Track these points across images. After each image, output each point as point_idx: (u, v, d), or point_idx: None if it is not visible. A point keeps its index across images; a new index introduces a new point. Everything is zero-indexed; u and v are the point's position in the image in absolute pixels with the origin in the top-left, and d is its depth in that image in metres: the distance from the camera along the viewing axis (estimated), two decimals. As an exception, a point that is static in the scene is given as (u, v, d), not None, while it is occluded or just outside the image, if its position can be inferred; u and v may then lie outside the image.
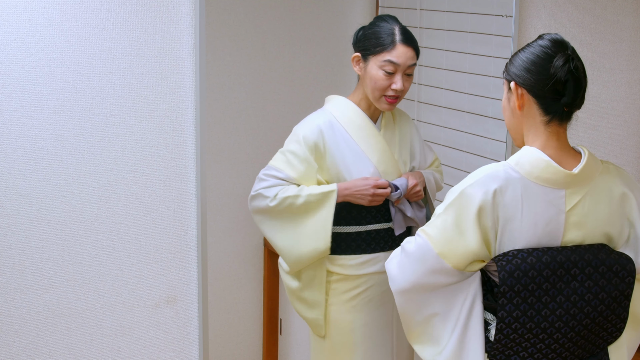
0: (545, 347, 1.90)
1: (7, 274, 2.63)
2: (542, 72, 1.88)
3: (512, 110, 1.96)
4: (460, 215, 1.88)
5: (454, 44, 3.17)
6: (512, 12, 2.88)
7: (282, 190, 2.49)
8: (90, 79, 2.63)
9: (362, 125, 2.55)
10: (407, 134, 2.65)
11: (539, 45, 1.91)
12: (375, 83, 2.47)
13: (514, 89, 1.93)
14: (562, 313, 1.87)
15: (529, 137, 1.94)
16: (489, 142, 3.03)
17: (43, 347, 2.72)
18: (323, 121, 2.53)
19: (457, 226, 1.89)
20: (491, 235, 1.90)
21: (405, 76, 2.48)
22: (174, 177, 2.81)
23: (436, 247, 1.91)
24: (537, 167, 1.88)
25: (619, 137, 3.22)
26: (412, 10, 3.40)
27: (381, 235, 2.59)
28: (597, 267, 1.89)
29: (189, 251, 2.88)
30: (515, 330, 1.87)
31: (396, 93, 2.47)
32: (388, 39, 2.45)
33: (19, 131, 2.57)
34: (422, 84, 3.39)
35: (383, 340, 2.65)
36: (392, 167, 2.57)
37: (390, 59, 2.44)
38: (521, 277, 1.85)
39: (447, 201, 1.93)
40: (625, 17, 3.15)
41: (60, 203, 2.66)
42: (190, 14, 2.71)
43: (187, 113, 2.78)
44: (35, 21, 2.52)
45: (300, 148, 2.49)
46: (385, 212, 2.58)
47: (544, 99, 1.90)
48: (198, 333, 2.94)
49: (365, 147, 2.54)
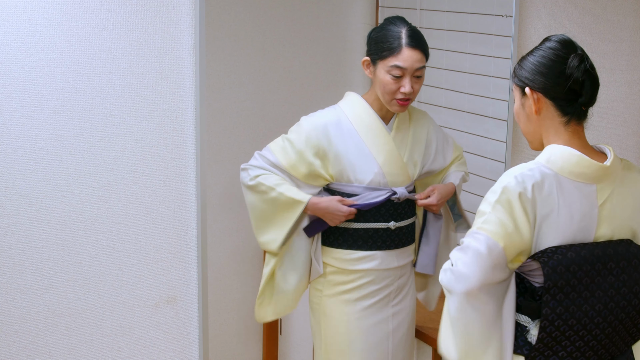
0: (583, 344, 1.89)
1: (7, 274, 2.63)
2: (557, 74, 1.89)
3: (528, 115, 1.96)
4: (511, 210, 1.87)
5: (454, 44, 3.17)
6: (512, 12, 2.88)
7: (263, 176, 2.55)
8: (90, 79, 2.63)
9: (371, 125, 2.56)
10: (423, 134, 2.65)
11: (549, 48, 1.91)
12: (385, 87, 2.48)
13: (529, 94, 1.93)
14: (600, 308, 1.88)
15: (550, 138, 1.95)
16: (489, 142, 3.03)
17: (43, 347, 2.72)
18: (331, 118, 2.56)
19: (512, 220, 1.87)
20: (532, 231, 1.90)
21: (415, 78, 2.48)
22: (174, 177, 2.80)
23: (501, 241, 1.88)
24: (570, 161, 1.89)
25: (619, 137, 3.22)
26: (412, 10, 3.40)
27: (379, 234, 2.59)
28: (630, 260, 1.91)
29: (189, 251, 2.88)
30: (558, 328, 1.87)
31: (406, 96, 2.48)
32: (394, 43, 2.45)
33: (19, 131, 2.57)
34: (423, 84, 3.38)
35: (379, 337, 2.65)
36: (399, 168, 2.58)
37: (396, 64, 2.44)
38: (564, 272, 1.85)
39: (491, 199, 1.90)
40: (625, 17, 3.15)
41: (60, 203, 2.66)
42: (190, 14, 2.71)
43: (187, 113, 2.78)
44: (35, 21, 2.52)
45: (299, 139, 2.53)
46: (385, 212, 2.58)
47: (561, 101, 1.91)
48: (198, 333, 2.94)
49: (372, 147, 2.55)
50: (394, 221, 2.60)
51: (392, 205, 2.58)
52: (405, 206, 2.62)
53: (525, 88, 1.93)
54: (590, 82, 1.89)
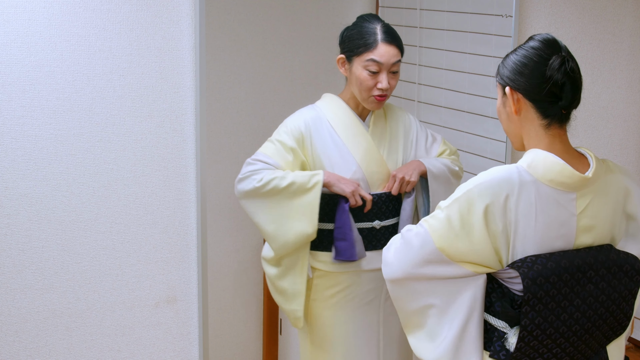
0: (560, 350, 1.88)
1: (7, 274, 2.63)
2: (537, 75, 1.84)
3: (508, 115, 1.92)
4: (468, 213, 1.84)
5: (454, 44, 3.17)
6: (512, 12, 2.88)
7: (268, 173, 2.49)
8: (90, 79, 2.63)
9: (348, 123, 2.57)
10: (400, 129, 2.64)
11: (531, 48, 1.86)
12: (361, 84, 2.48)
13: (509, 94, 1.88)
14: (578, 316, 1.86)
15: (530, 141, 1.90)
16: (489, 142, 3.03)
17: (43, 347, 2.72)
18: (311, 116, 2.57)
19: (463, 224, 1.84)
20: (502, 241, 1.86)
21: (391, 74, 2.49)
22: (174, 177, 2.81)
23: (437, 241, 1.87)
24: (552, 170, 1.84)
25: (619, 137, 3.22)
26: (412, 10, 3.40)
27: (365, 234, 2.58)
28: (609, 268, 1.88)
29: (189, 251, 2.88)
30: (536, 337, 1.84)
31: (383, 92, 2.48)
32: (370, 38, 2.46)
33: (19, 131, 2.57)
34: (422, 84, 3.39)
35: (367, 340, 2.63)
36: (378, 165, 2.57)
37: (373, 58, 2.45)
38: (543, 283, 1.82)
39: (454, 196, 1.87)
40: (625, 17, 3.15)
41: (60, 203, 2.66)
42: (190, 14, 2.71)
43: (187, 113, 2.78)
44: (35, 21, 2.52)
45: (289, 138, 2.53)
46: (369, 211, 2.58)
47: (541, 103, 1.86)
48: (198, 333, 2.94)
49: (350, 145, 2.55)
50: (379, 220, 2.59)
51: (376, 204, 2.58)
52: (389, 205, 2.60)
53: (506, 88, 1.89)
54: (570, 85, 1.83)
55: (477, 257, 1.87)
